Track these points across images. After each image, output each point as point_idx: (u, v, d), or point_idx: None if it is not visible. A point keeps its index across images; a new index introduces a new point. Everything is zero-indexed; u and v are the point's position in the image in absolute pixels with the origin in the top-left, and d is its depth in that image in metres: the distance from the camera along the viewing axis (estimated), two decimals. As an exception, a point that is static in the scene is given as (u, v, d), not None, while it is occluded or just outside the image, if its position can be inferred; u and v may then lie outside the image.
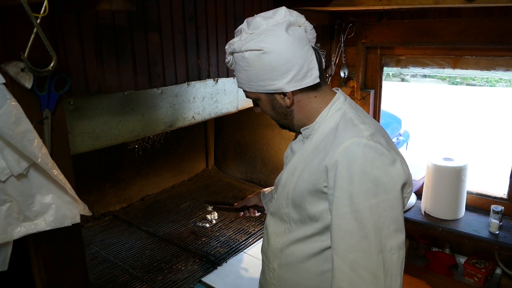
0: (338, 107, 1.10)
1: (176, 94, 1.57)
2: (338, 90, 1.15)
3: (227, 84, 1.78)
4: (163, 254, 2.07)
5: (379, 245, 0.94)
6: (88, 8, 0.97)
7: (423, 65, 2.17)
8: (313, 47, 1.07)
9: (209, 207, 2.36)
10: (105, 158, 2.45)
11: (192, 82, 1.60)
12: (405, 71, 2.28)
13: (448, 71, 2.12)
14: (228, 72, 1.72)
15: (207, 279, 1.85)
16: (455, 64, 2.07)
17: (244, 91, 1.12)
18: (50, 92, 1.07)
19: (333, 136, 1.03)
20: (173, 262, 2.00)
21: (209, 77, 1.63)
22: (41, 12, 0.77)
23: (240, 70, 1.07)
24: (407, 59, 2.20)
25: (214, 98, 1.74)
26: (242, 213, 1.73)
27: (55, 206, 1.07)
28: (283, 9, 1.05)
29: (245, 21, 1.07)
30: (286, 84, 1.03)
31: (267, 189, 1.60)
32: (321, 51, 1.12)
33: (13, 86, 0.99)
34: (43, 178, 1.05)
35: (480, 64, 2.02)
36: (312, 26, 1.09)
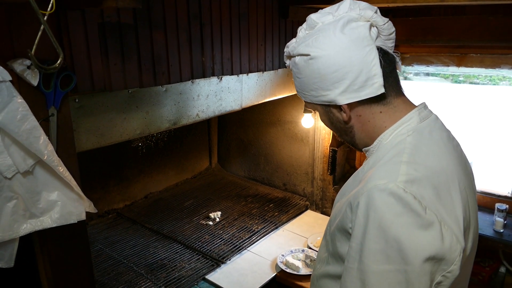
0: (405, 131, 0.86)
1: (181, 92, 1.57)
2: (421, 105, 0.92)
3: (231, 82, 1.78)
4: (167, 251, 2.07)
5: None
6: (94, 6, 0.97)
7: (428, 63, 2.16)
8: (380, 48, 0.86)
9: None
10: (109, 155, 2.46)
11: (197, 79, 1.60)
12: (409, 69, 2.27)
13: (452, 69, 2.12)
14: (232, 70, 1.72)
15: (211, 276, 1.86)
16: (460, 62, 2.06)
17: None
18: (56, 89, 1.07)
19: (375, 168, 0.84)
20: (177, 259, 2.00)
21: (213, 74, 1.63)
22: (48, 9, 0.77)
23: (294, 76, 0.94)
24: (412, 57, 2.20)
25: (218, 96, 1.74)
26: None
27: (61, 203, 1.07)
28: (347, 1, 0.88)
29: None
30: (340, 95, 0.86)
31: None
32: (395, 52, 0.92)
33: (19, 84, 0.99)
34: (49, 175, 1.05)
35: (485, 62, 2.01)
36: (385, 21, 0.89)
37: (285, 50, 0.96)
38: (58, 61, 0.84)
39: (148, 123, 1.48)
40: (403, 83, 0.97)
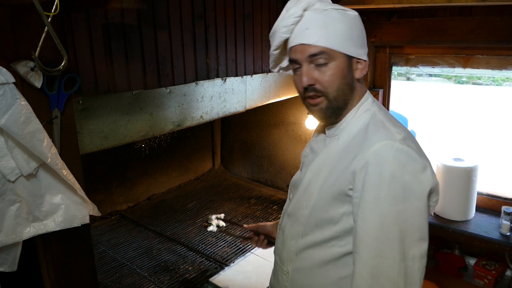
0: (366, 108, 1.06)
1: (185, 94, 1.55)
2: (367, 90, 1.11)
3: (235, 83, 1.76)
4: (170, 254, 2.06)
5: (402, 252, 0.91)
6: (98, 7, 0.96)
7: (433, 64, 2.14)
8: None
9: (212, 222, 2.28)
10: (112, 157, 2.45)
11: (201, 81, 1.59)
12: (413, 70, 2.25)
13: (458, 71, 2.10)
14: (237, 71, 1.70)
15: (215, 279, 1.85)
16: (466, 63, 2.04)
17: (313, 48, 0.99)
18: (60, 91, 1.06)
19: (363, 137, 1.00)
20: (180, 262, 1.99)
21: (217, 76, 1.62)
22: (52, 10, 0.76)
23: (323, 25, 0.98)
24: (417, 58, 2.18)
25: (222, 97, 1.72)
26: (248, 242, 1.50)
27: (65, 207, 1.06)
28: None
29: None
30: (365, 54, 1.03)
31: None
32: None
33: (22, 86, 0.98)
34: (52, 178, 1.04)
35: (491, 64, 1.99)
36: None
37: (301, 5, 1.00)
38: (62, 63, 0.83)
39: (152, 125, 1.47)
40: (406, 83, 1.03)
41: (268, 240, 1.44)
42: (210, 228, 2.31)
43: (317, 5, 1.00)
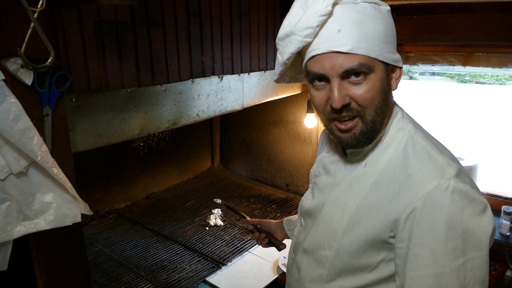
0: (399, 126, 0.86)
1: (180, 91, 1.54)
2: (395, 102, 0.89)
3: (232, 81, 1.75)
4: (168, 253, 2.05)
5: None
6: (90, 3, 0.95)
7: (433, 62, 2.12)
8: None
9: (218, 205, 2.31)
10: (110, 155, 2.44)
11: (197, 79, 1.58)
12: (414, 68, 2.24)
13: (458, 69, 2.08)
14: (233, 69, 1.69)
15: (212, 279, 1.83)
16: (466, 61, 2.02)
17: (349, 58, 0.77)
18: (51, 89, 1.05)
19: (401, 169, 0.81)
20: (178, 261, 1.98)
21: (213, 74, 1.61)
22: (39, 6, 0.75)
23: (359, 22, 0.77)
24: (416, 56, 2.16)
25: (219, 95, 1.71)
26: (250, 235, 1.42)
27: (56, 205, 1.05)
28: None
29: None
30: (400, 61, 0.83)
31: (293, 216, 1.34)
32: None
33: (13, 83, 0.98)
34: (43, 177, 1.03)
35: (492, 62, 1.97)
36: None
37: None
38: (49, 59, 0.82)
39: (147, 123, 1.46)
40: (409, 82, 0.95)
41: (269, 239, 1.37)
42: (215, 211, 2.35)
43: None
